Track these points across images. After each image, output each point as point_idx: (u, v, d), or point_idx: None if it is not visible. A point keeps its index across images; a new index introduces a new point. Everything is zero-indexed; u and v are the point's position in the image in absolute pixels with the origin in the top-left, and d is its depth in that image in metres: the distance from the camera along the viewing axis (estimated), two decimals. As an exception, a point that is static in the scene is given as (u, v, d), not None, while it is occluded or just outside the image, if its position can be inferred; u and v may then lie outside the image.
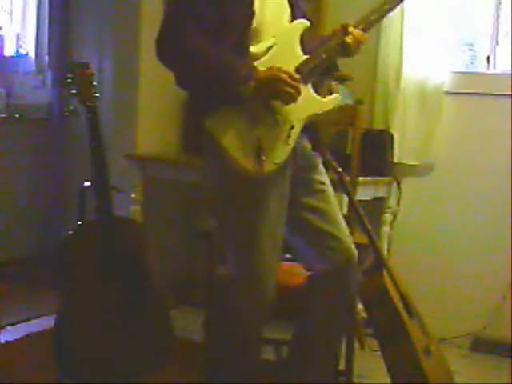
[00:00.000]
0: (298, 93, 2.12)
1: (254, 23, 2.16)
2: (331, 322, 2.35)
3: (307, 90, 2.21)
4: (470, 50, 3.83)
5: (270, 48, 2.19)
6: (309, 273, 2.38)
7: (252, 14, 2.15)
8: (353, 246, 2.34)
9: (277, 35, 2.20)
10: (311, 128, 2.31)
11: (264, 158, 2.11)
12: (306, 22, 2.24)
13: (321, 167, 2.37)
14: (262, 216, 2.18)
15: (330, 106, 2.26)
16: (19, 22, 4.64)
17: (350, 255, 2.32)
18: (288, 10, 2.27)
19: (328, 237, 2.30)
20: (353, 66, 2.98)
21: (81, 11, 4.45)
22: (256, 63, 2.14)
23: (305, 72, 2.19)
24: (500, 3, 3.54)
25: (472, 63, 3.81)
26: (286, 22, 2.26)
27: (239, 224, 2.23)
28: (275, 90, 2.11)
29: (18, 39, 4.66)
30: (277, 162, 2.15)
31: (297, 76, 2.14)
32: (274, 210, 2.20)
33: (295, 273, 2.58)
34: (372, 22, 2.30)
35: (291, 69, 2.16)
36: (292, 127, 2.17)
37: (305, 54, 2.23)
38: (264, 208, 2.18)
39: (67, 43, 4.47)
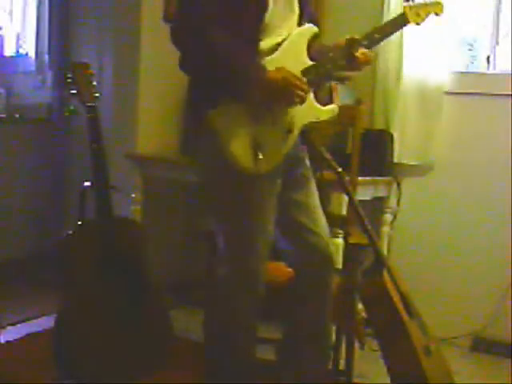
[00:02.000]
0: (306, 97, 2.14)
1: (266, 18, 2.15)
2: (314, 319, 2.37)
3: (309, 97, 2.21)
4: (470, 50, 3.83)
5: (278, 44, 2.19)
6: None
7: (265, 7, 2.14)
8: (331, 244, 2.37)
9: (286, 35, 2.21)
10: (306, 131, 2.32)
11: (261, 156, 2.12)
12: (316, 29, 2.26)
13: (306, 161, 2.38)
14: (257, 213, 2.20)
15: (328, 116, 2.27)
16: (19, 21, 4.64)
17: (328, 252, 2.35)
18: (297, 12, 2.27)
19: (307, 232, 2.32)
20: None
21: (81, 11, 4.44)
22: (264, 60, 2.14)
23: (309, 78, 2.19)
24: (500, 3, 3.54)
25: (472, 63, 3.81)
26: (294, 23, 2.25)
27: (233, 220, 2.24)
28: (284, 92, 2.12)
29: (18, 39, 4.65)
30: (273, 162, 2.16)
31: (304, 79, 2.15)
32: (268, 206, 2.21)
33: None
34: (376, 39, 2.30)
35: (297, 72, 2.17)
36: (290, 131, 2.19)
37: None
38: (258, 205, 2.20)
39: (67, 43, 4.46)
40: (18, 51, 4.66)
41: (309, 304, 2.36)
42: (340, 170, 2.54)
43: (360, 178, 2.91)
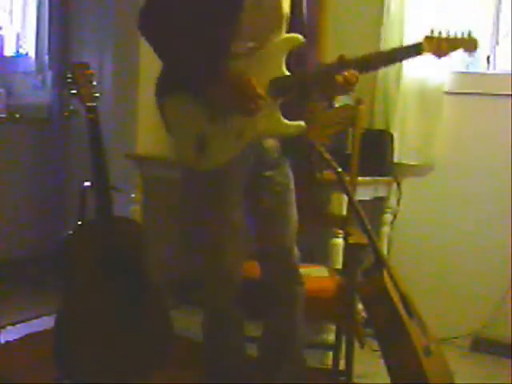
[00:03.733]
0: (258, 110, 2.10)
1: (243, 22, 2.13)
2: (283, 323, 2.38)
3: (273, 108, 2.16)
4: (470, 49, 3.83)
5: (251, 49, 2.16)
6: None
7: (240, 8, 2.11)
8: (296, 254, 2.36)
9: (266, 43, 2.17)
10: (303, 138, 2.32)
11: (203, 153, 2.12)
12: (300, 38, 2.17)
13: (286, 169, 2.35)
14: (216, 206, 2.22)
15: (294, 132, 2.20)
16: (19, 22, 4.64)
17: (293, 263, 2.36)
18: (283, 22, 2.22)
19: (273, 239, 2.33)
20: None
21: (81, 11, 4.44)
22: (235, 62, 2.13)
23: (277, 89, 2.15)
24: (500, 3, 3.54)
25: (472, 63, 3.81)
26: (280, 30, 2.21)
27: (195, 214, 2.29)
28: (237, 100, 2.10)
29: (18, 39, 4.66)
30: (216, 162, 2.15)
31: (262, 94, 2.10)
32: (227, 201, 2.22)
33: (312, 276, 2.61)
34: (371, 66, 2.21)
35: (266, 81, 2.13)
36: (239, 136, 2.16)
37: (297, 67, 2.19)
38: (215, 200, 2.22)
39: (67, 43, 4.46)
40: (18, 51, 4.66)
41: (276, 314, 2.37)
42: (340, 170, 2.55)
43: (360, 178, 2.91)
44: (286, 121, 2.18)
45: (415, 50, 2.18)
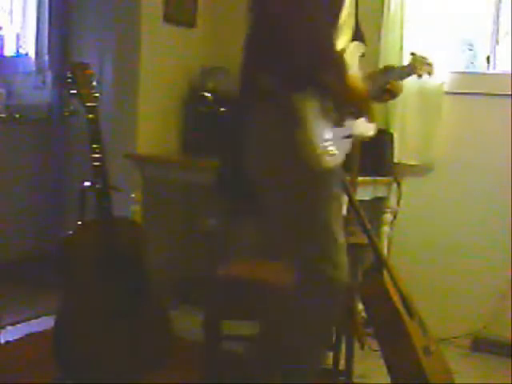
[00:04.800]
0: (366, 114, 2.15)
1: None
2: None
3: None
4: (470, 50, 3.83)
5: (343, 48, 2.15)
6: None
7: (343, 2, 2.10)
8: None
9: (345, 44, 2.17)
10: None
11: (329, 152, 2.06)
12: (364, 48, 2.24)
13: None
14: (324, 211, 2.11)
15: (372, 133, 2.28)
16: (19, 22, 4.64)
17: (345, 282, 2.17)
18: (352, 24, 2.22)
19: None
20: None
21: (81, 11, 4.45)
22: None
23: None
24: (500, 3, 3.54)
25: (472, 63, 3.81)
26: (350, 35, 2.22)
27: (302, 215, 2.11)
28: (356, 102, 2.10)
29: (17, 39, 4.66)
30: (337, 161, 2.11)
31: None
32: (332, 206, 2.14)
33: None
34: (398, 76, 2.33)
35: None
36: (349, 136, 2.16)
37: None
38: (326, 204, 2.12)
39: (67, 43, 4.47)
40: (18, 51, 4.66)
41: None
42: (340, 170, 2.54)
43: (360, 178, 2.91)
44: (367, 123, 2.22)
45: (411, 70, 2.30)
